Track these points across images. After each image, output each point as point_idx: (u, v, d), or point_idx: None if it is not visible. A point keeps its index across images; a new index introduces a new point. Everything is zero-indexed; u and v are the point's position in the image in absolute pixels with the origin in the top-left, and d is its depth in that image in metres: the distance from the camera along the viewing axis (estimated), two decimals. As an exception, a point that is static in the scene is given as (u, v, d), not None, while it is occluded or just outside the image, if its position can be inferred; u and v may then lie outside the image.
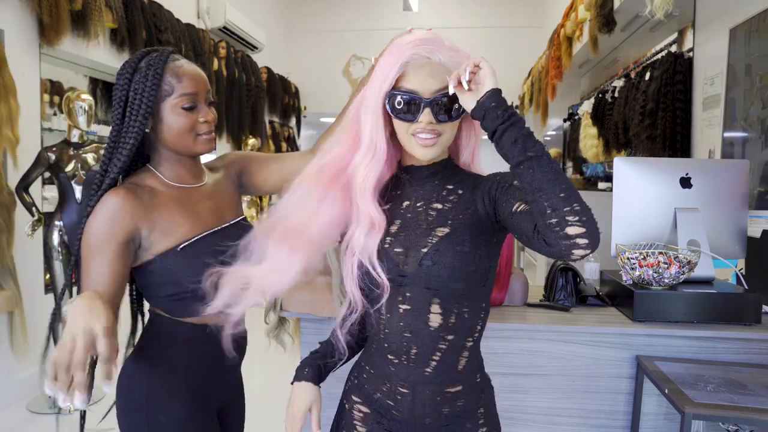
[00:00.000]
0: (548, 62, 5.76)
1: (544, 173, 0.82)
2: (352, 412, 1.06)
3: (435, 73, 0.95)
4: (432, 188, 1.02)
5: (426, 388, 0.99)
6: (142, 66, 1.13)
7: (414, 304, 0.97)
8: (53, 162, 3.07)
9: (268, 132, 7.11)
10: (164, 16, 4.59)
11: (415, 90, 0.95)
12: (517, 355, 1.72)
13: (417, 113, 0.94)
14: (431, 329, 0.97)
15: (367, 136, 0.98)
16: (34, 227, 3.11)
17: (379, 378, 1.03)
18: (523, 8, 8.16)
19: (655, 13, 2.95)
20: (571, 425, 1.74)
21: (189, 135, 1.16)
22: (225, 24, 5.73)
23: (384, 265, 0.98)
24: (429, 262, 0.95)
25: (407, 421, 1.00)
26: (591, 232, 0.81)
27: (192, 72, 1.16)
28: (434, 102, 0.94)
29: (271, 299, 1.88)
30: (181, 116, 1.14)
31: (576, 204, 0.81)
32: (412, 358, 0.98)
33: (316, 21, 8.52)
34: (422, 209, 1.01)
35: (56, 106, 4.26)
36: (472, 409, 1.02)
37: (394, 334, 0.98)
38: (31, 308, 3.21)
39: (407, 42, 0.96)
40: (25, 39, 3.29)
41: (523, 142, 0.84)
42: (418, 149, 0.97)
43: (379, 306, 0.99)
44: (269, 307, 1.84)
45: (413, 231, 0.99)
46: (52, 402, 3.13)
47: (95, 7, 3.62)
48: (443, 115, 0.95)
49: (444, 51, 0.96)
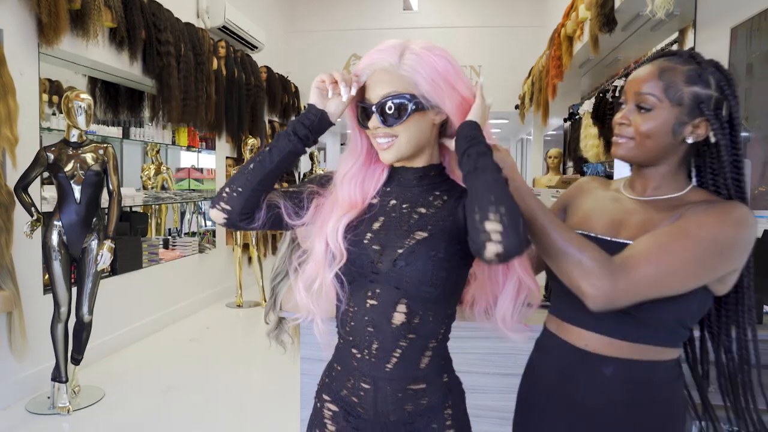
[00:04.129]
0: (549, 62, 5.75)
1: (484, 181, 0.88)
2: (322, 411, 1.09)
3: (383, 78, 0.98)
4: (420, 192, 1.04)
5: (387, 383, 1.01)
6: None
7: (381, 300, 0.99)
8: (52, 162, 3.07)
9: (268, 132, 7.10)
10: (163, 15, 4.58)
11: (367, 98, 1.00)
12: (517, 356, 1.71)
13: (369, 120, 1.00)
14: (393, 326, 0.99)
15: (352, 137, 1.08)
16: (33, 227, 3.11)
17: (344, 374, 1.05)
18: (524, 8, 8.16)
19: (655, 12, 2.94)
20: (571, 426, 1.73)
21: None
22: (224, 23, 5.72)
23: (359, 260, 1.00)
24: (402, 263, 0.98)
25: (372, 419, 1.03)
26: (509, 232, 0.84)
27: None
28: (380, 106, 0.98)
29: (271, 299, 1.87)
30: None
31: (503, 207, 0.85)
32: (374, 353, 1.00)
33: (316, 21, 8.52)
34: (407, 211, 1.03)
35: (55, 105, 4.25)
36: (437, 409, 1.03)
37: (359, 328, 1.01)
38: (30, 308, 3.20)
39: (366, 55, 1.01)
40: (24, 38, 3.28)
41: (476, 157, 0.91)
42: (380, 153, 1.02)
43: (348, 299, 1.02)
44: (269, 307, 1.83)
45: (394, 231, 1.01)
46: (52, 402, 3.13)
47: (94, 7, 3.62)
48: (391, 118, 0.97)
49: (400, 55, 0.97)
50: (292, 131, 0.99)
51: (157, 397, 3.36)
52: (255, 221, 1.02)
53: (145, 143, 5.36)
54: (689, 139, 1.04)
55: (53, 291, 3.10)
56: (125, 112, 5.14)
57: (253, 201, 1.00)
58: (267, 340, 1.89)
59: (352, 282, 1.02)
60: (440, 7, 8.45)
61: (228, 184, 1.01)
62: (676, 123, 1.03)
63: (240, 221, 1.01)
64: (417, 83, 0.96)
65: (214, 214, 1.02)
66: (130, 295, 4.36)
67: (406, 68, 0.97)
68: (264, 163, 1.00)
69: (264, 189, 1.01)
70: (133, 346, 4.32)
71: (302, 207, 1.05)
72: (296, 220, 1.04)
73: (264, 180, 1.00)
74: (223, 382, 3.65)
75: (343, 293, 1.02)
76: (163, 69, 4.55)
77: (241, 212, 1.00)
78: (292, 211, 1.04)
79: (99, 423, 3.01)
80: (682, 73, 1.03)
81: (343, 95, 0.97)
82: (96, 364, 3.82)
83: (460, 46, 8.15)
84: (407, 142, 0.99)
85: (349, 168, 1.06)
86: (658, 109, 1.04)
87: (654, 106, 1.04)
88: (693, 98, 1.02)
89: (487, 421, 1.69)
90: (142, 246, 4.59)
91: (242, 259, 5.79)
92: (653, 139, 1.05)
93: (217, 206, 1.01)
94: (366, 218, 1.04)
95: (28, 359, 3.19)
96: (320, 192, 1.07)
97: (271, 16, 7.78)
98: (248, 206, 1.00)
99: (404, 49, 0.98)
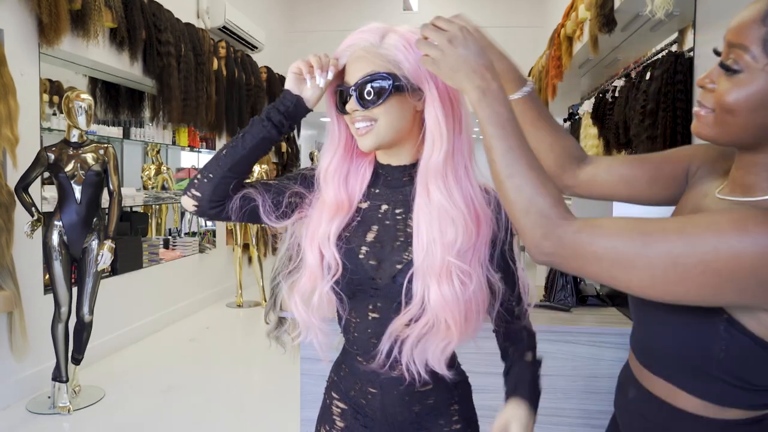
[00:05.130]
0: (548, 62, 5.75)
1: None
2: (331, 407, 1.09)
3: (361, 59, 0.91)
4: (409, 193, 0.97)
5: (394, 388, 1.00)
6: None
7: (383, 314, 0.97)
8: (53, 162, 3.07)
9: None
10: (164, 15, 4.59)
11: (346, 81, 0.93)
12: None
13: (346, 103, 0.93)
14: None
15: (330, 125, 1.00)
16: (34, 227, 3.11)
17: (351, 377, 1.04)
18: (524, 8, 8.16)
19: (655, 12, 2.94)
20: (571, 425, 1.73)
21: None
22: (225, 23, 5.72)
23: (356, 275, 0.96)
24: (402, 279, 0.94)
25: (380, 420, 1.02)
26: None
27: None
28: (357, 87, 0.91)
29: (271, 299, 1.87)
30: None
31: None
32: (380, 362, 0.98)
33: (316, 21, 8.52)
34: (401, 218, 0.98)
35: (56, 105, 4.26)
36: (444, 407, 1.03)
37: (362, 339, 0.99)
38: (30, 308, 3.20)
39: (349, 35, 0.95)
40: (24, 39, 3.29)
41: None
42: (358, 140, 0.95)
43: (349, 311, 0.99)
44: (269, 307, 1.84)
45: (389, 243, 0.97)
46: (52, 402, 3.13)
47: (95, 7, 3.62)
48: (370, 100, 0.90)
49: (382, 36, 0.93)
50: (266, 117, 0.93)
51: (157, 397, 3.37)
52: (226, 211, 0.96)
53: (146, 143, 5.37)
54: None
55: (54, 291, 3.10)
56: (126, 112, 5.14)
57: (223, 187, 0.94)
58: (267, 340, 1.89)
59: (352, 297, 0.98)
60: (440, 7, 8.43)
61: (200, 171, 0.96)
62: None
63: (210, 209, 0.96)
64: (399, 62, 0.91)
65: (185, 201, 0.96)
66: (130, 295, 4.37)
67: (388, 47, 0.91)
68: (236, 148, 0.93)
69: (235, 176, 0.94)
70: (134, 346, 4.33)
71: (281, 205, 0.98)
72: (272, 216, 0.97)
73: (235, 166, 0.93)
74: (223, 382, 3.65)
75: (343, 307, 0.99)
76: (163, 69, 4.55)
77: (210, 199, 0.94)
78: (270, 207, 0.97)
79: (99, 423, 3.02)
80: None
81: (318, 81, 0.91)
82: (96, 364, 3.82)
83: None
84: (386, 126, 0.92)
85: (329, 160, 0.99)
86: (750, 71, 0.71)
87: (746, 67, 0.71)
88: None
89: (488, 421, 1.70)
90: (143, 246, 4.59)
91: (242, 259, 5.80)
92: (738, 116, 0.73)
93: (188, 193, 0.96)
94: (357, 226, 0.99)
95: (29, 359, 3.19)
96: (304, 194, 1.01)
97: (271, 17, 7.79)
98: (218, 193, 0.94)
99: (387, 30, 0.94)
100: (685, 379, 0.79)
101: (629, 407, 0.90)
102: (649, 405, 0.84)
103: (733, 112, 0.73)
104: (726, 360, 0.74)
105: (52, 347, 3.12)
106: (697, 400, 0.79)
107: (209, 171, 0.94)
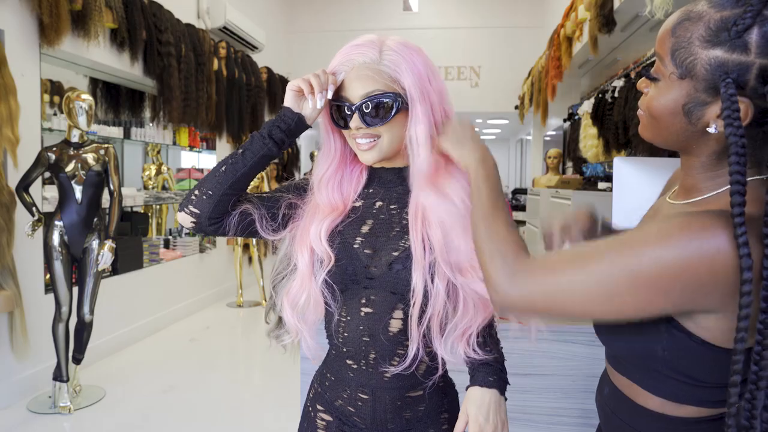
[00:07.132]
0: (548, 62, 5.76)
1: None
2: (315, 420, 1.07)
3: (363, 76, 0.92)
4: (405, 191, 1.00)
5: (386, 393, 0.99)
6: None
7: (377, 307, 0.96)
8: (53, 162, 3.08)
9: (268, 132, 7.11)
10: (164, 16, 4.59)
11: (346, 97, 0.94)
12: (517, 355, 1.72)
13: (348, 120, 0.94)
14: (390, 334, 0.96)
15: (325, 137, 1.02)
16: (34, 227, 3.11)
17: (339, 385, 1.02)
18: (523, 8, 8.16)
19: (655, 13, 2.94)
20: (571, 425, 1.74)
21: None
22: (225, 24, 5.73)
23: (351, 265, 0.97)
24: (399, 266, 0.95)
25: (369, 428, 1.00)
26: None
27: None
28: (362, 107, 0.92)
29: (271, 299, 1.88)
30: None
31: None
32: (371, 363, 0.98)
33: (316, 21, 8.52)
34: (396, 212, 1.00)
35: (56, 106, 4.27)
36: (434, 414, 1.03)
37: (353, 338, 0.98)
38: (31, 308, 3.21)
39: (341, 50, 0.96)
40: (25, 39, 3.29)
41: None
42: (360, 154, 0.97)
43: (340, 308, 0.98)
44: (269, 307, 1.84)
45: (385, 233, 0.98)
46: (53, 402, 3.14)
47: (95, 7, 3.62)
48: (374, 119, 0.93)
49: (379, 51, 0.93)
50: (267, 134, 0.93)
51: (158, 397, 3.37)
52: (224, 227, 0.96)
53: (146, 143, 5.37)
54: (712, 129, 0.72)
55: (54, 291, 3.11)
56: (126, 112, 5.15)
57: (223, 205, 0.94)
58: (267, 340, 1.89)
59: (345, 290, 0.98)
60: (440, 7, 8.45)
61: (197, 187, 0.95)
62: (691, 103, 0.73)
63: (209, 226, 0.95)
64: (399, 80, 0.92)
65: (182, 217, 0.96)
66: (130, 295, 4.37)
67: (389, 65, 0.92)
68: (236, 165, 0.93)
69: (235, 193, 0.95)
70: (134, 345, 4.33)
71: (277, 217, 0.99)
72: (269, 230, 0.98)
73: (235, 183, 0.93)
74: (223, 382, 3.66)
75: (334, 302, 0.98)
76: (163, 69, 4.56)
77: (210, 216, 0.94)
78: (266, 221, 0.98)
79: (100, 422, 3.02)
80: (705, 25, 0.71)
81: (318, 104, 0.92)
82: (97, 364, 3.83)
83: (460, 47, 8.16)
84: (390, 142, 0.95)
85: (324, 170, 1.01)
86: (665, 79, 0.75)
87: (662, 75, 0.76)
88: (712, 67, 0.70)
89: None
90: (143, 246, 4.60)
91: (243, 258, 5.80)
92: (661, 120, 0.77)
93: (185, 209, 0.95)
94: (352, 221, 1.00)
95: (29, 359, 3.20)
96: (298, 203, 1.02)
97: (271, 17, 7.79)
98: (218, 210, 0.94)
99: (382, 43, 0.94)
100: (641, 378, 0.81)
101: (603, 405, 0.92)
102: (618, 403, 0.87)
103: (657, 117, 0.77)
104: (670, 358, 0.76)
105: (53, 347, 3.12)
106: (655, 398, 0.80)
107: (207, 188, 0.94)
